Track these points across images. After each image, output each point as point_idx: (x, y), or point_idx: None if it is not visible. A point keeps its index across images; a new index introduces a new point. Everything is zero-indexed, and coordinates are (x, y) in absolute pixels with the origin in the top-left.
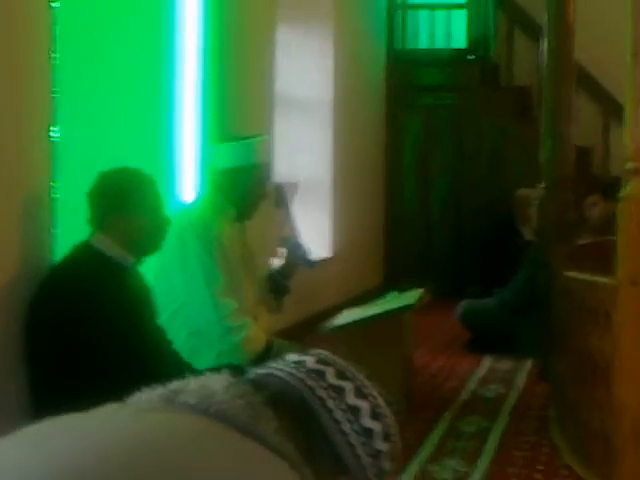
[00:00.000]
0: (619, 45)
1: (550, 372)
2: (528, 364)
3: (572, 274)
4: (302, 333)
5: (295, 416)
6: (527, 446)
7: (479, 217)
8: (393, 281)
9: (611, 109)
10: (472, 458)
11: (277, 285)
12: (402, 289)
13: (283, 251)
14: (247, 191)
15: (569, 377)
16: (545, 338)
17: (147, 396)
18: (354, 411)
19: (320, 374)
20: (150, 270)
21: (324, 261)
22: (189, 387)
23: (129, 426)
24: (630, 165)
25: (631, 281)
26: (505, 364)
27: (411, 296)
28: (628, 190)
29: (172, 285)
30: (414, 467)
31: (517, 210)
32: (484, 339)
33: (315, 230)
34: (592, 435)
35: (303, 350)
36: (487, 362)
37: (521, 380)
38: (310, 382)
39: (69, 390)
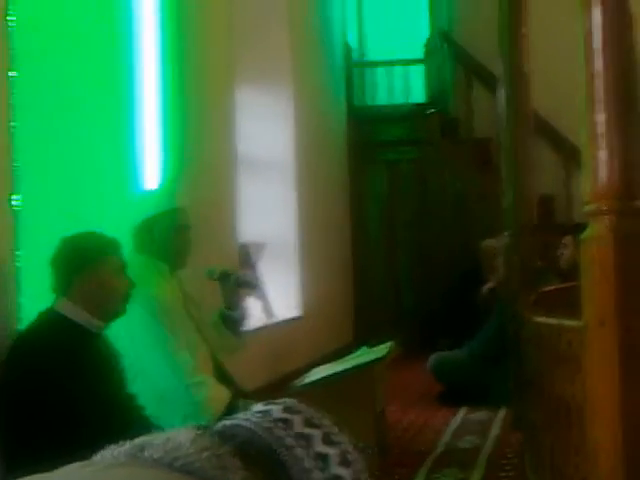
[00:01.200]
0: (575, 92)
1: (523, 420)
2: (502, 414)
3: (539, 319)
4: (273, 394)
5: (263, 466)
6: None
7: (446, 269)
8: (364, 338)
9: (571, 156)
10: None
11: (229, 319)
12: (372, 344)
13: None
14: (166, 240)
15: (543, 424)
16: (517, 386)
17: (112, 453)
18: (324, 459)
19: (287, 423)
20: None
21: (293, 320)
22: (154, 442)
23: None
24: (589, 207)
25: (598, 322)
26: (479, 415)
27: (381, 350)
28: (588, 232)
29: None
30: None
31: (483, 261)
32: (456, 391)
33: (283, 290)
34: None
35: (269, 401)
36: (461, 414)
37: (496, 430)
38: (277, 431)
39: (38, 456)
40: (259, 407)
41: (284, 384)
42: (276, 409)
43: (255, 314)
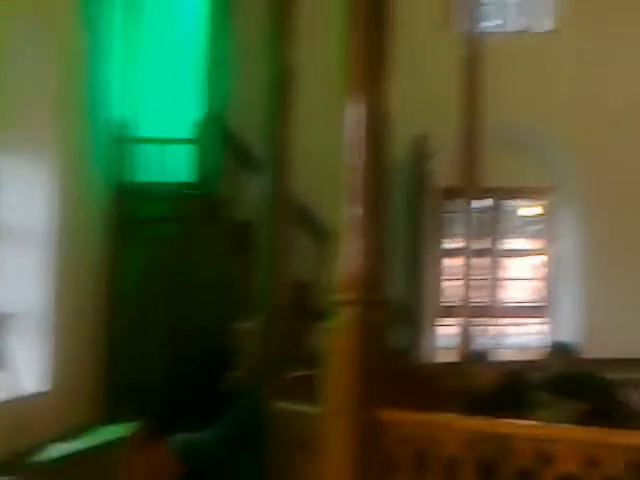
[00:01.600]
0: (333, 181)
1: None
2: None
3: (283, 405)
4: (12, 468)
5: None
6: None
7: (196, 350)
8: (112, 415)
9: (329, 244)
10: None
11: None
12: (119, 422)
13: None
14: None
15: None
16: (264, 470)
17: None
18: None
19: None
20: None
21: (39, 394)
22: None
23: None
24: (339, 297)
25: (336, 411)
26: None
27: (123, 429)
28: (335, 321)
29: None
30: None
31: (233, 344)
32: (202, 474)
33: (31, 362)
34: None
35: None
36: None
37: None
38: None
39: None
40: None
41: (22, 459)
42: None
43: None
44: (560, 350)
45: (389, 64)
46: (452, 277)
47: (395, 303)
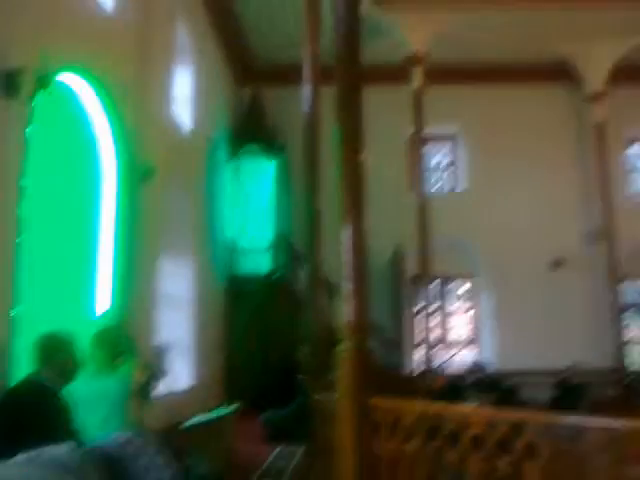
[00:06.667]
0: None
1: (311, 452)
2: (302, 448)
3: (319, 396)
4: (171, 430)
5: (110, 471)
6: None
7: (278, 364)
8: (227, 400)
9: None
10: None
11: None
12: (228, 404)
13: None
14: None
15: (319, 454)
16: (309, 433)
17: (21, 457)
18: (147, 467)
19: (135, 457)
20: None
21: (187, 389)
22: (46, 450)
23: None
24: (341, 334)
25: (343, 396)
26: (290, 448)
27: (232, 408)
28: (342, 346)
29: None
30: None
31: (298, 359)
32: (278, 434)
33: (183, 370)
34: None
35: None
36: (279, 447)
37: (297, 457)
38: (123, 450)
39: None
40: (122, 438)
41: (177, 425)
42: (122, 439)
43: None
44: (478, 366)
45: (365, 209)
46: (418, 325)
47: (387, 339)
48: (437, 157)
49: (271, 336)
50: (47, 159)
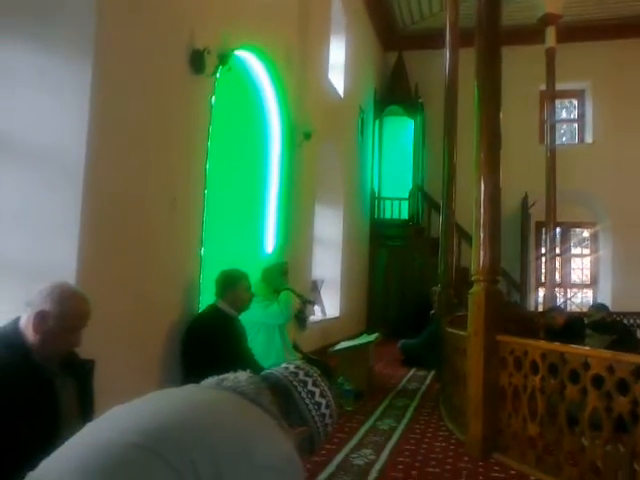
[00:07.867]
0: (472, 219)
1: (440, 377)
2: (431, 373)
3: (450, 329)
4: (321, 353)
5: (282, 395)
6: (427, 414)
7: (413, 299)
8: (368, 329)
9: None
10: (400, 418)
11: (300, 318)
12: (370, 333)
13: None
14: (277, 277)
15: (448, 380)
16: (439, 361)
17: (209, 381)
18: (312, 393)
19: (304, 383)
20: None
21: (336, 318)
22: (229, 377)
23: (197, 394)
24: (474, 277)
25: (474, 333)
26: (421, 373)
27: (373, 336)
28: (473, 289)
29: None
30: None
31: (431, 297)
32: (411, 360)
33: (332, 302)
34: (457, 409)
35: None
36: (412, 371)
37: (427, 381)
38: (295, 383)
39: (200, 375)
40: (291, 368)
41: (326, 349)
42: (301, 373)
43: (316, 314)
44: (598, 306)
45: (498, 163)
46: (542, 267)
47: (512, 280)
48: (566, 111)
49: (408, 275)
50: (227, 124)
